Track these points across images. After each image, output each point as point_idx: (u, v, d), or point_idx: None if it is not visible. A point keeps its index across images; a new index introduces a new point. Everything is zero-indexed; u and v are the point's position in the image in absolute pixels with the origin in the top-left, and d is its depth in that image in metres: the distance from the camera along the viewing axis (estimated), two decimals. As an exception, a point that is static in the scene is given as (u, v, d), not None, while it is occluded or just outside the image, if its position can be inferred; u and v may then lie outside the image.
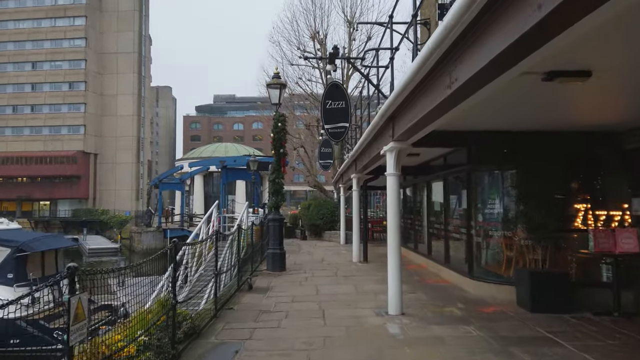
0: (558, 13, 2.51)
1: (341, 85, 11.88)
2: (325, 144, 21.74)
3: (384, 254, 17.54)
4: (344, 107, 11.89)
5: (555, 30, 2.77)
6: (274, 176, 12.72)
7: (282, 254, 12.51)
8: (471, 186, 9.34)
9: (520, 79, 4.18)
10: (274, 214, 12.67)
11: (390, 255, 7.56)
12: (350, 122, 11.95)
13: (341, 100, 12.17)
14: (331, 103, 12.06)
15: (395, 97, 6.01)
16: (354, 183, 14.40)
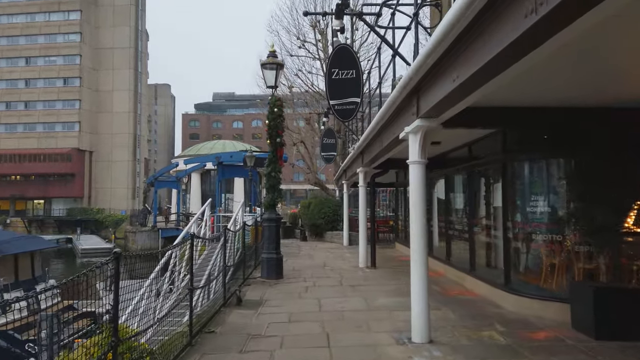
0: None
1: (351, 49, 9.93)
2: (328, 134, 19.96)
3: (393, 258, 15.94)
4: (354, 78, 9.61)
5: None
6: (269, 169, 11.08)
7: (278, 259, 10.86)
8: (507, 179, 7.68)
9: None
10: (270, 212, 11.02)
11: (415, 267, 5.90)
12: (362, 97, 10.08)
13: (351, 68, 9.80)
14: (338, 72, 9.74)
15: (431, 52, 4.34)
16: (360, 178, 12.74)
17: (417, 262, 5.87)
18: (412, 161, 5.99)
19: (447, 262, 10.95)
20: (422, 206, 5.95)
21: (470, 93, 4.53)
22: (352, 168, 15.08)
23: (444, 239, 11.47)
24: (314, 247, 18.97)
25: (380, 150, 9.51)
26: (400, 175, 16.74)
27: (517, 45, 3.15)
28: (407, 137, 6.11)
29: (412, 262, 5.95)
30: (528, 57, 3.38)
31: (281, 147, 11.16)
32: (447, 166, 11.27)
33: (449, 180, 11.35)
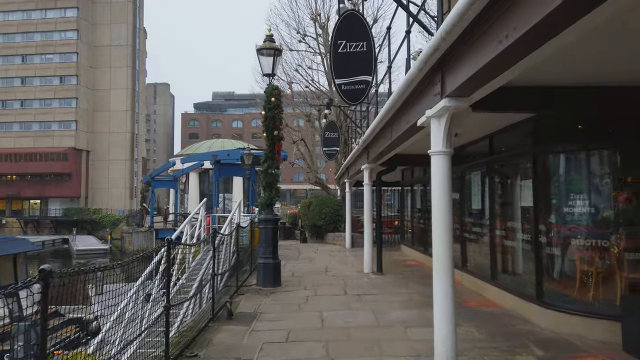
0: None
1: (361, 16, 8.58)
2: (330, 128, 18.76)
3: (400, 262, 14.82)
4: (365, 52, 8.05)
5: None
6: (266, 166, 10.04)
7: (275, 265, 9.81)
8: (539, 175, 6.63)
9: None
10: (267, 213, 9.98)
11: (439, 281, 4.87)
12: (375, 75, 8.54)
13: (362, 40, 8.22)
14: (345, 45, 8.16)
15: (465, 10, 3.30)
16: (365, 176, 11.70)
17: (441, 275, 4.84)
18: (436, 152, 4.95)
19: (463, 268, 9.90)
20: (448, 206, 4.91)
21: (519, 59, 3.50)
22: (355, 165, 14.04)
23: (458, 242, 10.40)
24: (315, 249, 17.93)
25: (389, 144, 8.48)
26: (407, 173, 15.70)
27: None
28: (429, 122, 5.07)
29: (435, 275, 4.92)
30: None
31: (279, 141, 10.13)
32: (461, 162, 10.22)
33: (463, 177, 10.31)
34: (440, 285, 4.80)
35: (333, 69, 8.30)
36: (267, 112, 9.70)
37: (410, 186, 15.73)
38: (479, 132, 8.36)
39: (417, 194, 14.89)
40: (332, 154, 19.42)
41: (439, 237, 4.87)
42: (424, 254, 13.48)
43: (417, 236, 14.87)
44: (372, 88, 8.86)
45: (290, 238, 26.68)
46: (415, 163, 12.16)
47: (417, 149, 10.99)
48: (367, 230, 11.81)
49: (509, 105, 5.25)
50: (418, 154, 11.84)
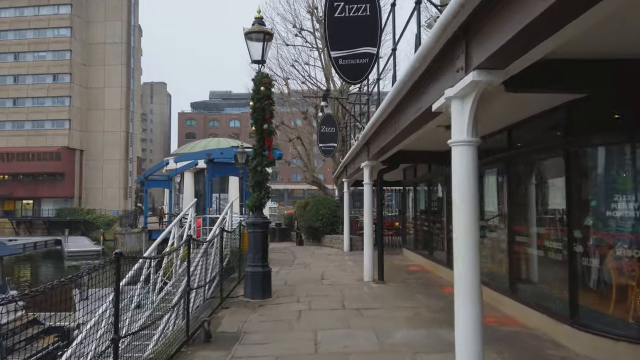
0: None
1: None
2: (327, 122, 17.54)
3: (403, 268, 13.61)
4: (367, 16, 6.80)
5: None
6: (255, 163, 9.00)
7: (265, 274, 8.77)
8: (573, 173, 5.61)
9: None
10: (256, 216, 8.94)
11: (464, 304, 3.81)
12: (380, 45, 6.96)
13: (363, 1, 7.00)
14: (344, 7, 6.90)
15: None
16: (365, 175, 10.67)
17: (465, 299, 3.79)
18: (458, 142, 3.93)
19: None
20: (473, 210, 3.89)
21: (573, 16, 2.49)
22: (354, 163, 13.01)
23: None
24: (311, 253, 16.90)
25: (393, 138, 7.47)
26: (410, 172, 14.68)
27: None
28: (448, 106, 4.05)
29: (458, 299, 3.88)
30: None
31: (270, 136, 9.08)
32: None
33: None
34: (465, 313, 3.76)
35: (328, 38, 7.01)
36: (256, 102, 8.66)
37: (413, 186, 14.70)
38: (495, 124, 7.34)
39: (421, 194, 13.87)
40: (328, 150, 18.13)
41: (463, 248, 3.84)
42: (428, 258, 12.46)
43: (421, 239, 13.85)
44: (376, 63, 7.56)
45: (286, 240, 25.67)
46: (420, 160, 11.14)
47: (423, 145, 9.98)
48: (367, 234, 10.78)
49: (553, 83, 4.20)
50: (424, 151, 10.84)
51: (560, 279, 5.83)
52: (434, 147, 10.23)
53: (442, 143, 9.72)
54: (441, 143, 9.82)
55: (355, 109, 14.25)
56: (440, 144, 10.14)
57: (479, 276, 3.83)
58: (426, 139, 9.04)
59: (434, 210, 12.35)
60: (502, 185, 7.87)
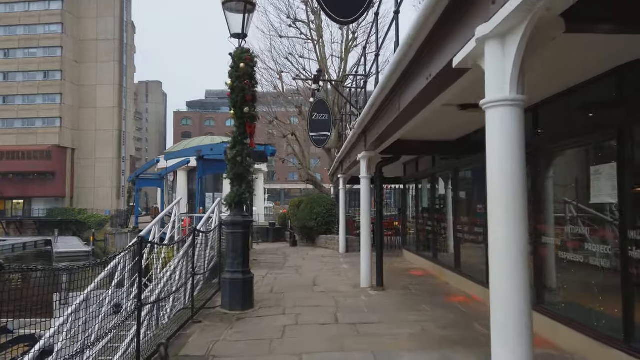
0: None
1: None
2: (319, 108, 16.00)
3: (403, 272, 11.82)
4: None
5: None
6: (234, 153, 7.75)
7: (245, 282, 7.53)
8: (627, 155, 4.40)
9: None
10: (235, 214, 7.70)
11: (505, 345, 2.57)
12: None
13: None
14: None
15: None
16: (363, 168, 9.46)
17: (509, 331, 2.56)
18: (496, 101, 2.70)
19: (489, 284, 7.65)
20: (519, 200, 2.66)
21: None
22: (351, 156, 11.80)
23: (479, 249, 8.17)
24: (304, 254, 15.67)
25: (394, 120, 6.29)
26: (411, 167, 13.46)
27: None
28: (478, 55, 2.83)
29: (495, 330, 2.66)
30: None
31: (252, 121, 7.85)
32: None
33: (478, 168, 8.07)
34: (507, 350, 2.53)
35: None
36: (234, 81, 7.42)
37: (414, 182, 13.48)
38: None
39: (423, 190, 12.65)
40: (321, 139, 16.46)
41: (505, 258, 2.61)
42: (432, 261, 11.25)
43: (423, 240, 12.64)
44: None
45: (280, 240, 24.48)
46: (423, 151, 9.92)
47: (427, 132, 8.77)
48: (365, 234, 9.55)
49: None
50: (428, 141, 9.62)
51: (609, 293, 4.62)
52: (440, 135, 9.04)
53: (450, 130, 8.51)
54: (449, 130, 8.63)
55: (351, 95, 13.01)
56: (448, 131, 8.94)
57: (529, 301, 2.61)
58: (431, 125, 7.85)
59: (438, 209, 11.13)
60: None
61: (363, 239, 9.59)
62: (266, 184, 68.98)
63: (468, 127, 8.29)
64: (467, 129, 8.43)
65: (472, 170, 9.13)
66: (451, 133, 8.91)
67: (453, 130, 8.65)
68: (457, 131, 8.70)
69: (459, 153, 9.29)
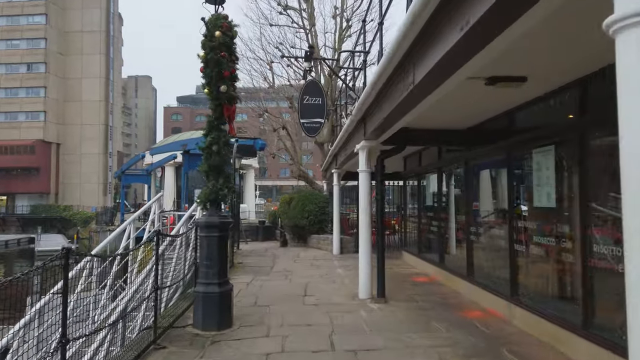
0: None
1: None
2: (311, 91, 14.14)
3: (405, 277, 9.29)
4: None
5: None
6: (209, 139, 6.46)
7: (222, 296, 6.23)
8: None
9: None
10: (210, 214, 6.41)
11: None
12: None
13: None
14: None
15: None
16: (362, 160, 8.19)
17: None
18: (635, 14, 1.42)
19: (513, 298, 6.43)
20: None
21: None
22: (347, 147, 10.53)
23: (508, 258, 6.95)
24: (295, 256, 14.40)
25: (402, 100, 5.07)
26: (412, 161, 12.23)
27: None
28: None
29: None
30: None
31: (231, 103, 6.56)
32: (506, 137, 6.81)
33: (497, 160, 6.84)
34: None
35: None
36: (208, 53, 6.11)
37: (416, 177, 12.24)
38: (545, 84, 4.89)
39: (428, 187, 11.42)
40: (313, 127, 14.40)
41: None
42: (437, 266, 10.02)
43: (427, 242, 11.43)
44: None
45: (270, 239, 23.21)
46: (433, 141, 8.65)
47: (437, 119, 7.58)
48: (365, 237, 8.28)
49: None
50: (437, 129, 8.41)
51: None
52: (450, 122, 7.81)
53: (464, 116, 7.26)
54: (462, 116, 7.39)
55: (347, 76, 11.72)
56: (459, 118, 7.72)
57: None
58: (443, 109, 6.63)
59: (445, 207, 9.90)
60: (551, 171, 5.44)
61: (362, 242, 8.34)
62: (257, 180, 67.69)
63: (484, 113, 7.07)
64: (482, 115, 7.20)
65: (488, 162, 7.90)
66: (463, 120, 7.68)
67: (466, 117, 7.42)
68: (470, 118, 7.47)
69: (471, 144, 8.06)
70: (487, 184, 7.94)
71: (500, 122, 6.98)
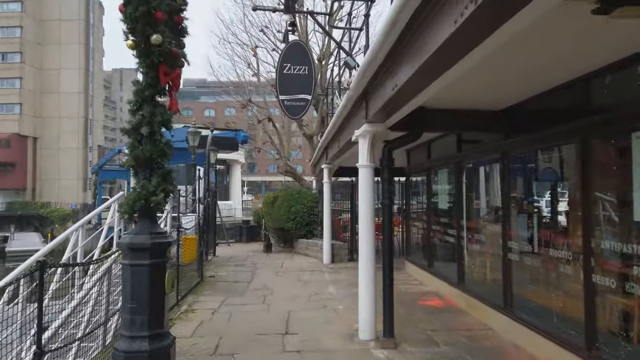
0: None
1: None
2: (293, 55, 10.36)
3: (413, 299, 5.85)
4: None
5: None
6: (138, 118, 4.27)
7: (155, 357, 4.04)
8: None
9: None
10: (137, 230, 4.21)
11: None
12: None
13: None
14: None
15: None
16: (363, 150, 6.02)
17: None
18: None
19: (592, 353, 4.33)
20: None
21: None
22: (341, 136, 8.35)
23: (566, 284, 4.85)
24: (279, 266, 12.23)
25: (437, 50, 2.85)
26: (418, 155, 10.11)
27: None
28: None
29: None
30: None
31: (172, 64, 4.35)
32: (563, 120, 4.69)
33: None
34: None
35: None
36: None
37: (425, 173, 10.10)
38: None
39: (441, 185, 9.30)
40: (296, 106, 10.59)
41: None
42: (455, 287, 7.91)
43: (438, 253, 9.33)
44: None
45: (255, 239, 21.10)
46: (454, 126, 6.51)
47: (471, 95, 5.47)
48: (366, 256, 6.10)
49: None
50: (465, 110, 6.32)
51: None
52: (484, 99, 5.69)
53: (516, 83, 4.87)
54: (515, 83, 4.87)
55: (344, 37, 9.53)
56: (512, 87, 5.53)
57: None
58: (487, 76, 4.54)
59: (469, 211, 7.78)
60: None
61: (363, 261, 6.16)
62: (246, 175, 65.46)
63: (548, 81, 4.93)
64: (542, 84, 5.06)
65: (545, 152, 5.77)
66: (504, 96, 5.56)
67: (514, 88, 5.28)
68: (519, 90, 5.33)
69: (513, 129, 5.94)
70: (546, 183, 5.80)
71: (569, 95, 4.86)
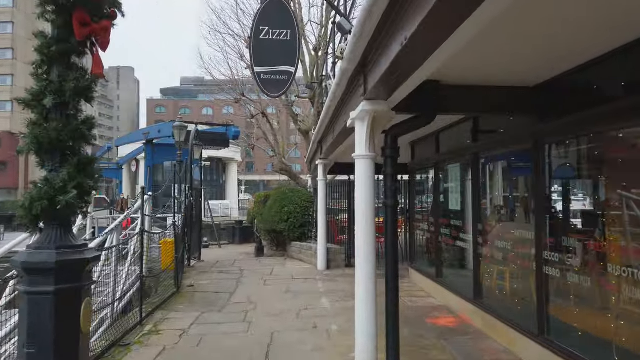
0: None
1: None
2: (272, 18, 8.22)
3: (420, 318, 5.54)
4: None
5: None
6: (42, 83, 3.03)
7: None
8: None
9: None
10: (39, 244, 2.96)
11: None
12: None
13: None
14: None
15: None
16: (361, 136, 4.75)
17: None
18: None
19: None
20: None
21: None
22: (335, 126, 7.08)
23: (622, 310, 3.59)
24: (267, 273, 10.98)
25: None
26: (425, 149, 8.86)
27: None
28: None
29: None
30: None
31: (95, 14, 3.10)
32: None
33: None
34: None
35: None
36: None
37: (433, 168, 8.82)
38: None
39: (452, 182, 8.05)
40: (275, 80, 8.53)
41: None
42: (470, 302, 6.65)
43: (448, 262, 8.09)
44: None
45: (248, 241, 19.75)
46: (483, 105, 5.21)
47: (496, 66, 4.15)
48: (366, 264, 4.85)
49: None
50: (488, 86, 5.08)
51: None
52: (513, 70, 4.44)
53: (552, 50, 3.64)
54: (550, 50, 3.64)
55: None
56: (531, 64, 4.06)
57: None
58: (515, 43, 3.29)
59: (490, 213, 6.54)
60: None
61: (362, 269, 4.89)
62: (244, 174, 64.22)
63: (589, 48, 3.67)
64: (576, 57, 3.82)
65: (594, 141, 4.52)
66: (536, 68, 4.29)
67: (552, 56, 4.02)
68: (557, 60, 4.07)
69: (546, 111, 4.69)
70: (593, 180, 4.54)
71: (613, 68, 3.62)
